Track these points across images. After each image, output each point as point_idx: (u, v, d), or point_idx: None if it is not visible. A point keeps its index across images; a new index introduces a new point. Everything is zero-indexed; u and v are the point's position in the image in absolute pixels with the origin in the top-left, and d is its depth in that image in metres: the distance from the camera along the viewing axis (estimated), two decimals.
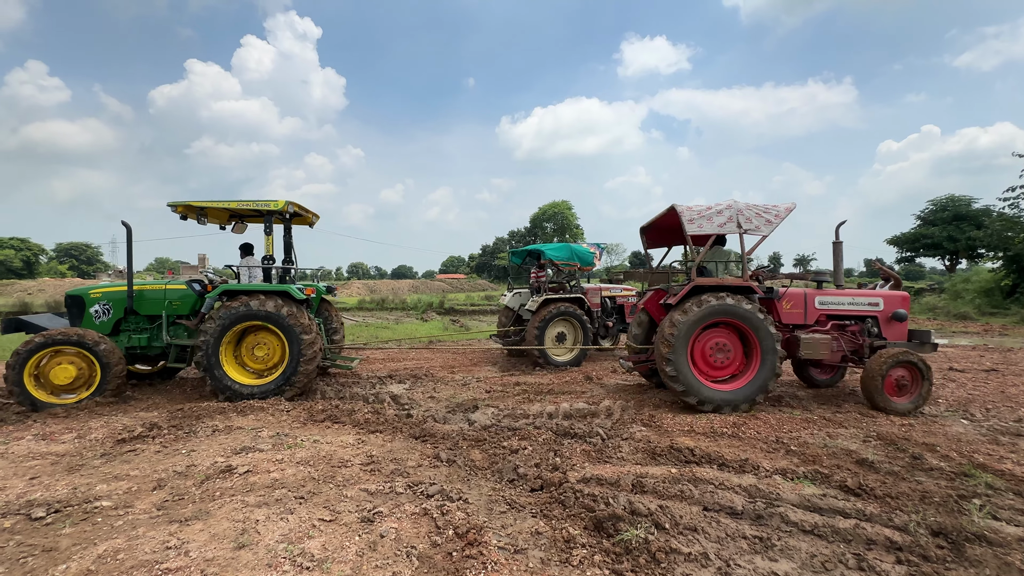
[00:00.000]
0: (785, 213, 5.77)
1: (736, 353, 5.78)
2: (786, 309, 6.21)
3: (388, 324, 17.31)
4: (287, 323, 5.96)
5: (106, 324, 6.08)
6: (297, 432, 4.80)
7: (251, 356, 6.21)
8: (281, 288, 6.15)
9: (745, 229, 5.72)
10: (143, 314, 6.22)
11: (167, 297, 6.22)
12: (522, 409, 5.78)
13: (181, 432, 4.75)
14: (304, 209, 6.80)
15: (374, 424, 5.05)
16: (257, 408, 5.54)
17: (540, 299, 8.93)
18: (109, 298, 6.10)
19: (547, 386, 7.12)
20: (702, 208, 5.85)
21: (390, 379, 7.81)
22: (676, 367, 5.52)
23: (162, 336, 6.13)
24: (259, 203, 6.12)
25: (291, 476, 3.67)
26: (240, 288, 6.12)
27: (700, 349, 5.78)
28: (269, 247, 6.35)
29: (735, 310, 5.56)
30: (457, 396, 6.61)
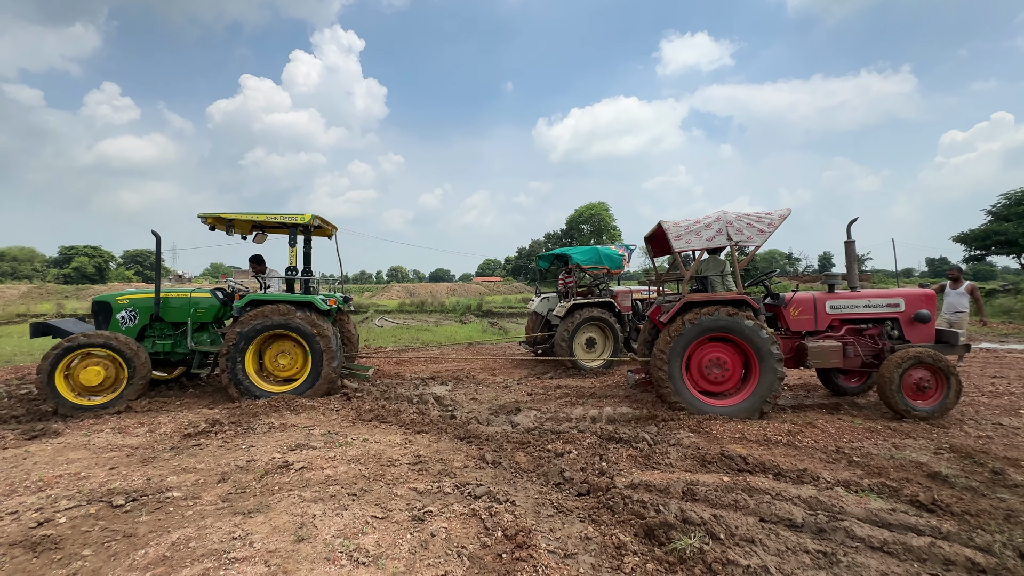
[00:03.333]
0: (779, 220, 5.51)
1: (734, 368, 5.58)
2: (794, 316, 5.92)
3: (428, 327, 17.62)
4: (311, 333, 6.13)
5: (132, 330, 6.35)
6: (347, 431, 4.96)
7: (274, 364, 6.38)
8: (307, 299, 6.33)
9: (736, 241, 5.52)
10: (168, 320, 6.47)
11: (192, 304, 6.51)
12: (564, 412, 5.74)
13: (240, 428, 4.99)
14: (325, 222, 6.97)
15: (419, 425, 5.14)
16: (308, 407, 5.76)
17: (568, 304, 8.84)
18: (136, 304, 6.39)
19: (588, 389, 7.05)
20: (689, 223, 5.70)
21: (433, 380, 7.94)
22: (672, 384, 5.46)
23: (186, 342, 6.37)
24: (286, 216, 6.36)
25: (343, 473, 3.79)
26: (267, 298, 6.30)
27: (696, 364, 5.63)
28: (293, 258, 6.53)
29: (730, 326, 5.38)
30: (499, 398, 6.65)
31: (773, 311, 6.06)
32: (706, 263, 6.59)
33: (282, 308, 6.15)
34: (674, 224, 5.70)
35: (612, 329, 8.97)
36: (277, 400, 5.88)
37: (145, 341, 6.39)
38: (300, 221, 6.38)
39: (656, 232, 6.35)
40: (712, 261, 6.59)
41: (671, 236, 5.63)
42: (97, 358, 5.83)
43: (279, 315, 6.12)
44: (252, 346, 6.14)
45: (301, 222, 6.38)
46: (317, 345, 6.18)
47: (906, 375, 5.31)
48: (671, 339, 5.47)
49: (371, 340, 13.74)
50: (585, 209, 69.63)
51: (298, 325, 6.14)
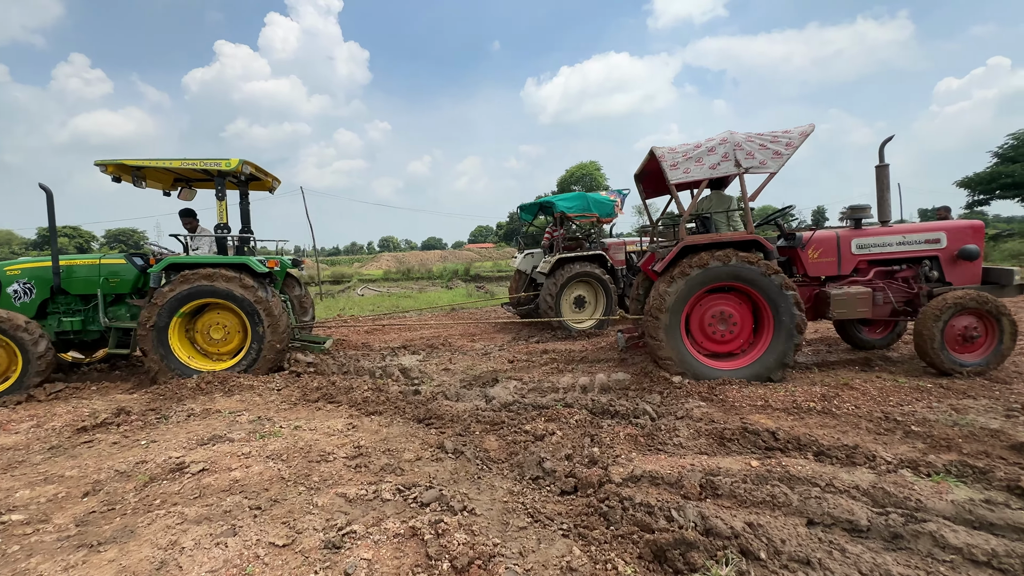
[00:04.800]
0: (800, 139, 4.45)
1: (743, 323, 4.68)
2: (813, 258, 4.99)
3: (411, 294, 16.67)
4: (246, 300, 5.17)
5: (28, 306, 5.33)
6: (282, 416, 4.05)
7: (207, 339, 5.45)
8: (238, 260, 5.31)
9: (746, 168, 4.49)
10: (74, 294, 5.45)
11: (102, 274, 5.43)
12: (550, 382, 4.86)
13: (151, 418, 4.08)
14: (261, 171, 5.89)
15: (373, 404, 4.25)
16: (247, 387, 4.83)
17: (552, 259, 7.85)
18: (30, 275, 5.35)
19: (579, 353, 6.17)
20: (688, 148, 4.64)
21: (404, 350, 7.03)
22: (667, 345, 4.55)
23: (99, 318, 5.38)
24: (208, 163, 5.23)
25: (255, 476, 2.89)
26: (189, 261, 5.29)
27: (698, 320, 4.74)
28: (223, 214, 5.47)
29: (738, 272, 4.44)
30: (475, 367, 5.76)
31: (788, 254, 5.12)
32: (708, 200, 5.57)
33: (208, 272, 5.13)
34: (669, 151, 4.65)
35: (603, 285, 8.03)
36: (211, 380, 4.95)
37: (49, 318, 5.37)
38: (225, 168, 5.26)
39: (648, 167, 5.31)
40: (716, 197, 5.57)
41: (666, 165, 4.59)
42: None
43: (204, 280, 5.10)
44: (176, 319, 5.15)
45: (226, 168, 5.27)
46: (254, 314, 5.20)
47: (947, 327, 4.43)
48: (667, 291, 4.53)
49: (347, 309, 12.79)
50: (576, 169, 67.71)
51: (228, 291, 5.13)
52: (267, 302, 5.22)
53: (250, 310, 5.19)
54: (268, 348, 5.28)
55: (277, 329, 5.29)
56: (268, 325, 5.25)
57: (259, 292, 5.21)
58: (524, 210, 9.27)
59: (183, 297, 5.07)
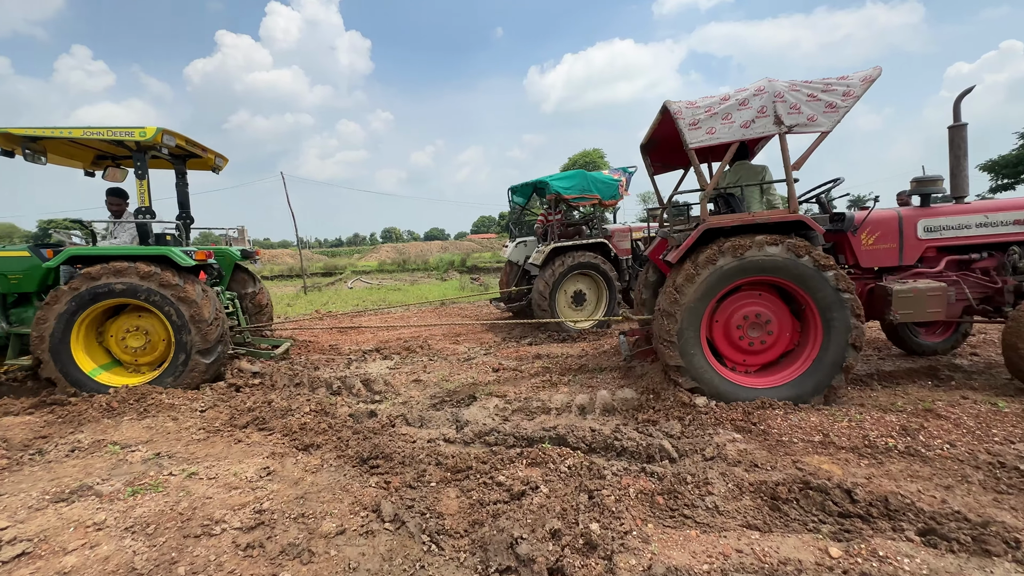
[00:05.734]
0: (862, 87, 3.39)
1: (781, 328, 3.70)
2: (868, 245, 3.99)
3: (402, 286, 15.73)
4: (164, 300, 4.23)
5: None
6: (189, 451, 3.13)
7: (124, 348, 4.52)
8: (156, 251, 4.37)
9: (790, 126, 3.46)
10: None
11: (1, 269, 4.51)
12: (540, 400, 3.91)
13: (27, 454, 3.16)
14: (195, 144, 4.88)
15: (310, 433, 3.31)
16: (166, 406, 3.91)
17: (547, 248, 6.86)
18: None
19: (577, 360, 5.21)
20: (712, 102, 3.58)
21: (376, 353, 6.09)
22: (683, 354, 3.57)
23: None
24: (118, 131, 4.24)
25: (94, 568, 1.96)
26: (95, 252, 4.36)
27: (723, 324, 3.75)
28: (143, 195, 4.52)
29: (777, 264, 3.45)
30: (452, 378, 4.81)
31: (834, 239, 4.13)
32: (735, 170, 4.54)
33: (120, 267, 4.18)
34: (687, 106, 3.62)
35: (606, 279, 7.05)
36: (127, 397, 4.03)
37: None
38: (139, 138, 4.29)
39: (658, 132, 4.29)
40: (743, 169, 4.54)
41: (683, 124, 3.56)
42: None
43: (112, 277, 4.16)
44: (80, 324, 4.22)
45: (140, 139, 4.29)
46: (176, 316, 4.27)
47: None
48: (684, 286, 3.56)
49: (329, 304, 11.86)
50: (579, 157, 66.26)
51: (143, 290, 4.19)
52: (192, 302, 4.28)
53: (172, 313, 4.25)
54: (197, 358, 4.34)
55: (208, 335, 4.35)
56: (196, 331, 4.31)
57: (183, 291, 4.27)
58: (516, 192, 8.26)
59: (86, 298, 4.13)
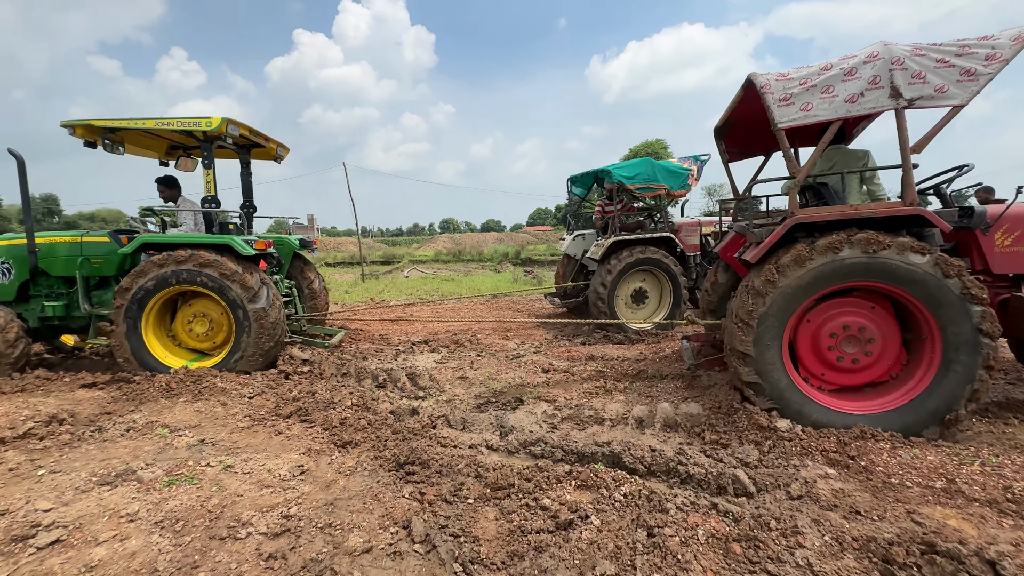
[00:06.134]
0: (1013, 48, 2.64)
1: (885, 344, 3.06)
2: (1004, 246, 3.23)
3: (455, 276, 15.78)
4: (225, 287, 4.31)
5: (7, 288, 4.72)
6: (231, 439, 3.09)
7: (188, 332, 4.65)
8: (219, 240, 4.48)
9: (911, 99, 2.78)
10: (56, 275, 4.77)
11: (83, 253, 4.65)
12: (593, 408, 3.57)
13: (85, 431, 3.27)
14: (258, 134, 5.00)
15: (350, 429, 3.19)
16: (218, 391, 3.97)
17: (607, 242, 6.40)
18: (9, 254, 4.73)
19: (635, 365, 4.79)
20: (809, 72, 2.97)
21: (424, 346, 5.98)
22: (759, 370, 3.04)
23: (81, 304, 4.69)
24: (187, 122, 4.35)
25: (118, 563, 1.90)
26: (163, 240, 4.52)
27: (809, 336, 3.17)
28: (209, 184, 4.65)
29: (887, 267, 2.82)
30: (499, 377, 4.57)
31: (956, 238, 3.44)
32: (828, 156, 3.90)
33: (184, 255, 4.30)
34: (778, 78, 3.08)
35: (671, 276, 6.52)
36: (184, 379, 4.14)
37: (32, 302, 4.78)
38: (206, 127, 4.37)
39: (737, 112, 3.77)
40: (840, 154, 3.88)
41: (771, 100, 3.04)
42: None
43: (176, 265, 4.28)
44: (152, 308, 4.39)
45: (207, 128, 4.37)
46: (235, 304, 4.34)
47: None
48: (766, 290, 3.06)
49: (384, 292, 12.06)
50: (640, 148, 63.93)
51: (205, 277, 4.29)
52: (252, 289, 4.33)
53: (231, 301, 4.33)
54: (254, 345, 4.40)
55: (264, 323, 4.39)
56: (254, 319, 4.37)
57: (242, 279, 4.33)
58: (576, 182, 7.84)
59: (154, 285, 4.28)
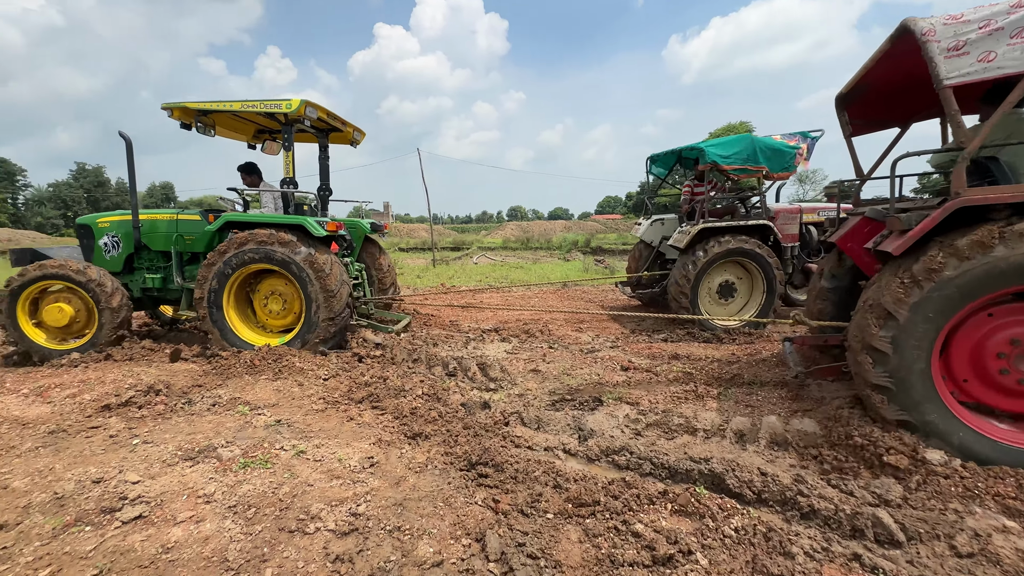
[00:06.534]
0: None
1: None
2: None
3: (524, 264, 15.57)
4: (296, 266, 4.38)
5: (116, 260, 5.11)
6: (306, 422, 3.08)
7: (265, 310, 4.81)
8: (293, 220, 4.56)
9: None
10: (156, 250, 5.14)
11: (178, 230, 4.96)
12: (683, 415, 3.18)
13: (177, 402, 3.42)
14: (335, 118, 5.05)
15: (420, 420, 3.05)
16: (296, 370, 4.03)
17: (693, 229, 5.79)
18: (118, 229, 5.11)
19: (727, 367, 4.28)
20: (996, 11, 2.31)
21: (494, 334, 5.82)
22: (896, 371, 2.46)
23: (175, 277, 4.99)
24: (268, 104, 4.46)
25: (192, 547, 1.86)
26: (244, 219, 4.72)
27: (966, 348, 2.51)
28: (288, 166, 4.71)
29: None
30: (574, 372, 4.27)
31: None
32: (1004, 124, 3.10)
33: (262, 234, 4.41)
34: (947, 22, 2.44)
35: (764, 270, 5.82)
36: (267, 356, 4.26)
37: (135, 274, 5.21)
38: (285, 110, 4.44)
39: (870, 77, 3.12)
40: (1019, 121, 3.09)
41: (937, 51, 2.40)
42: (61, 293, 4.73)
43: (255, 243, 4.41)
44: (231, 285, 4.58)
45: (287, 111, 4.43)
46: (306, 283, 4.41)
47: None
48: (924, 280, 2.46)
49: (454, 278, 12.12)
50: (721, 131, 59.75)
51: (281, 256, 4.38)
52: (321, 271, 4.37)
53: (303, 279, 4.40)
54: (321, 326, 4.46)
55: (332, 304, 4.43)
56: (323, 299, 4.41)
57: (313, 259, 4.38)
58: (657, 162, 7.25)
59: (234, 262, 4.45)
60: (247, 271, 4.55)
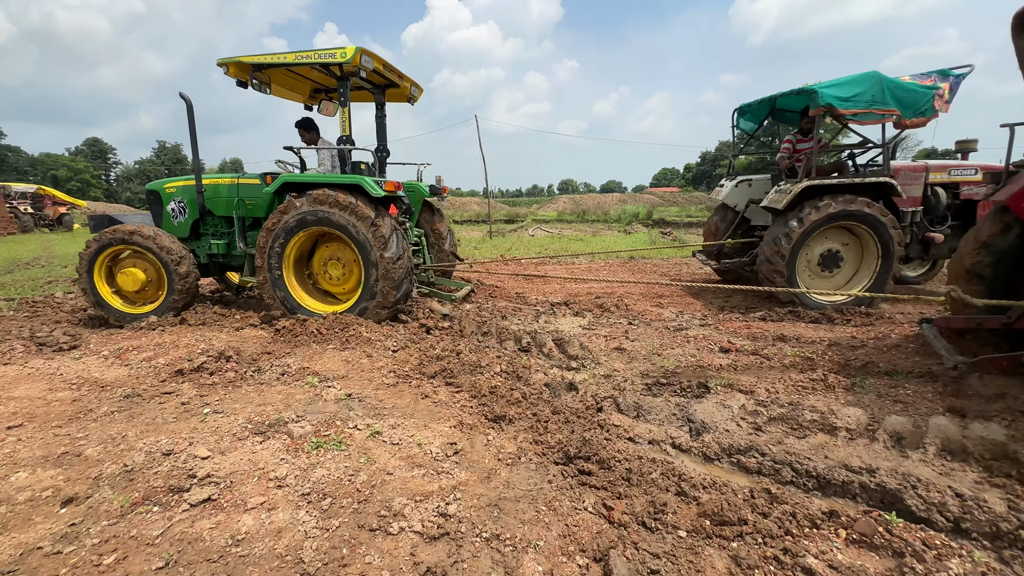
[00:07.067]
0: None
1: None
2: None
3: (583, 236, 14.92)
4: (357, 230, 4.12)
5: (183, 225, 5.05)
6: (377, 397, 2.82)
7: (324, 275, 4.60)
8: (349, 180, 4.26)
9: None
10: (220, 215, 4.98)
11: (240, 194, 4.77)
12: (813, 408, 2.63)
13: (241, 372, 3.28)
14: (392, 69, 4.66)
15: (501, 401, 2.71)
16: (364, 340, 3.82)
17: (797, 186, 4.94)
18: (184, 195, 5.01)
19: (852, 353, 3.62)
20: None
21: (564, 308, 5.40)
22: None
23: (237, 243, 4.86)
24: (321, 53, 4.13)
25: (265, 539, 1.62)
26: (301, 179, 4.45)
27: None
28: (344, 123, 4.38)
29: None
30: (665, 352, 3.77)
31: None
32: None
33: (319, 195, 4.17)
34: None
35: (880, 237, 4.97)
36: (333, 325, 4.09)
37: (202, 240, 5.15)
38: (340, 59, 4.10)
39: None
40: None
41: None
42: (134, 259, 4.76)
43: (314, 205, 4.18)
44: (291, 249, 4.40)
45: (342, 60, 4.09)
46: (366, 248, 4.15)
47: None
48: None
49: (513, 249, 11.73)
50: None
51: (339, 219, 4.14)
52: (382, 237, 4.10)
53: (363, 244, 4.15)
54: (380, 294, 4.21)
55: (392, 271, 4.16)
56: (383, 265, 4.15)
57: (373, 223, 4.10)
58: (745, 114, 6.37)
59: (295, 224, 4.25)
60: (308, 234, 4.35)
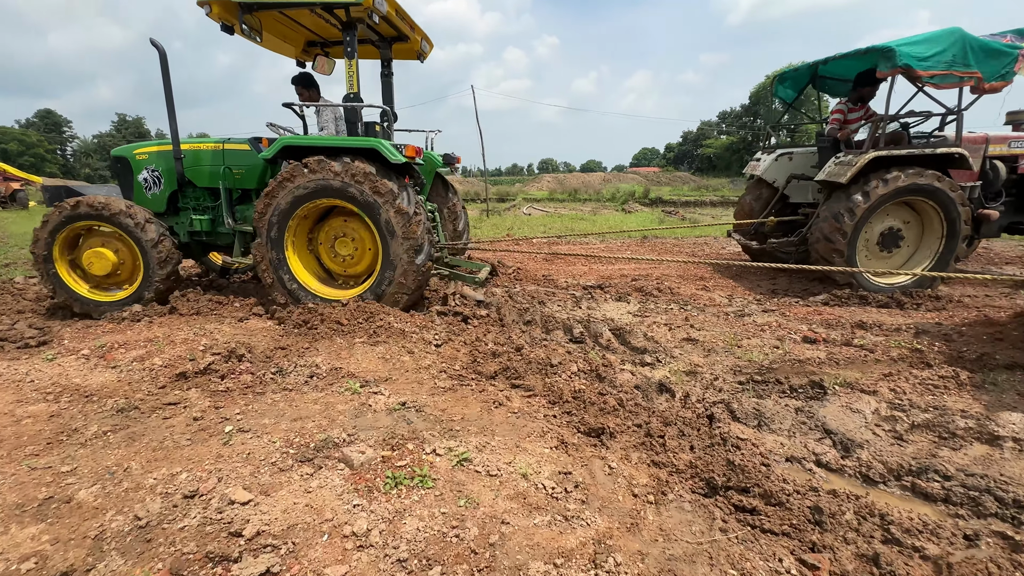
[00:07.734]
0: None
1: None
2: None
3: (583, 216, 14.43)
4: (376, 206, 3.50)
5: (159, 198, 4.20)
6: (439, 407, 2.30)
7: (331, 255, 3.95)
8: (364, 143, 3.58)
9: None
10: (202, 187, 4.18)
11: (225, 162, 4.04)
12: (965, 415, 2.24)
13: (269, 370, 2.72)
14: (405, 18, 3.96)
15: (592, 409, 2.24)
16: (396, 332, 3.27)
17: (862, 157, 4.52)
18: (158, 162, 4.15)
19: (954, 343, 3.26)
20: None
21: (601, 292, 4.92)
22: None
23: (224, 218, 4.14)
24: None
25: None
26: (304, 143, 3.73)
27: None
28: (351, 79, 3.66)
29: None
30: (744, 345, 3.34)
31: None
32: None
33: (332, 165, 3.52)
34: None
35: (947, 214, 4.64)
36: (357, 313, 3.51)
37: (181, 215, 4.38)
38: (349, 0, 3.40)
39: None
40: None
41: None
42: (101, 237, 4.01)
43: (324, 172, 3.53)
44: (293, 224, 3.75)
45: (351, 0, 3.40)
46: (382, 219, 3.55)
47: None
48: None
49: (516, 229, 11.17)
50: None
51: (338, 187, 3.51)
52: (402, 211, 3.51)
53: (375, 214, 3.54)
54: (402, 276, 3.63)
55: (415, 251, 3.59)
56: (404, 242, 3.57)
57: (398, 196, 3.50)
58: (785, 82, 5.93)
59: (298, 197, 3.60)
60: (311, 208, 3.71)
